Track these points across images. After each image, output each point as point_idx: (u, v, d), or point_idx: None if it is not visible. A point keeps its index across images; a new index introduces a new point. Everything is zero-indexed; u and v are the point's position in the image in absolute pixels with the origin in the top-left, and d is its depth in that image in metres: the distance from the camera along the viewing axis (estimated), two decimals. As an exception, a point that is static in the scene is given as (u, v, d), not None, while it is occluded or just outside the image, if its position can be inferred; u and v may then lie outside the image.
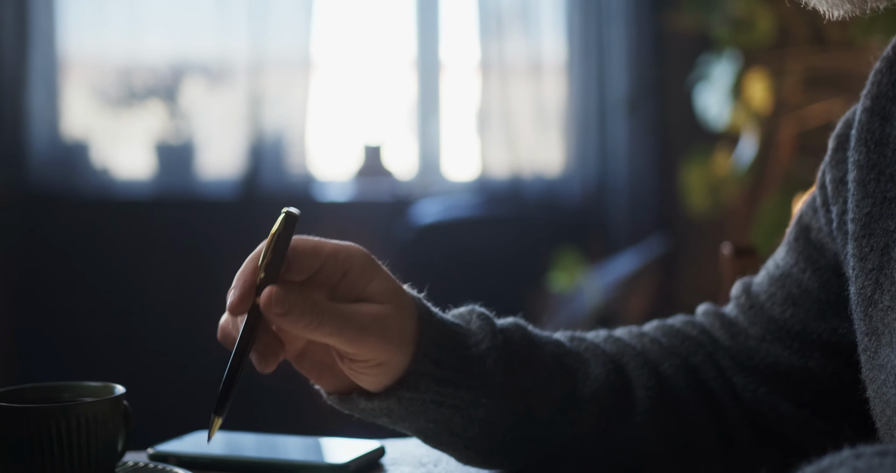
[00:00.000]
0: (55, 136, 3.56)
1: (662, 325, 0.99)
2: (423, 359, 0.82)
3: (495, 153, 3.71)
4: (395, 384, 0.82)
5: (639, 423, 0.89)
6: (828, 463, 0.63)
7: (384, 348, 0.79)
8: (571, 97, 3.72)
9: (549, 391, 0.87)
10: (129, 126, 3.63)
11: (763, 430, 0.93)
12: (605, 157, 3.71)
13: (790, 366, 0.92)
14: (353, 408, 0.84)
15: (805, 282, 0.92)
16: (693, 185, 3.11)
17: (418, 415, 0.83)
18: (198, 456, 0.93)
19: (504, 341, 0.86)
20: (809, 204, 0.94)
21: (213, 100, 3.69)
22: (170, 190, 3.57)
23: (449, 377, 0.83)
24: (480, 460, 0.88)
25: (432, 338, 0.82)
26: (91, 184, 3.54)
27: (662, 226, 3.61)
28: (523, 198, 3.66)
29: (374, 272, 0.81)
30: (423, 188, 3.71)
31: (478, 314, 0.87)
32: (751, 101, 2.99)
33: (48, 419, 0.78)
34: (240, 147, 3.59)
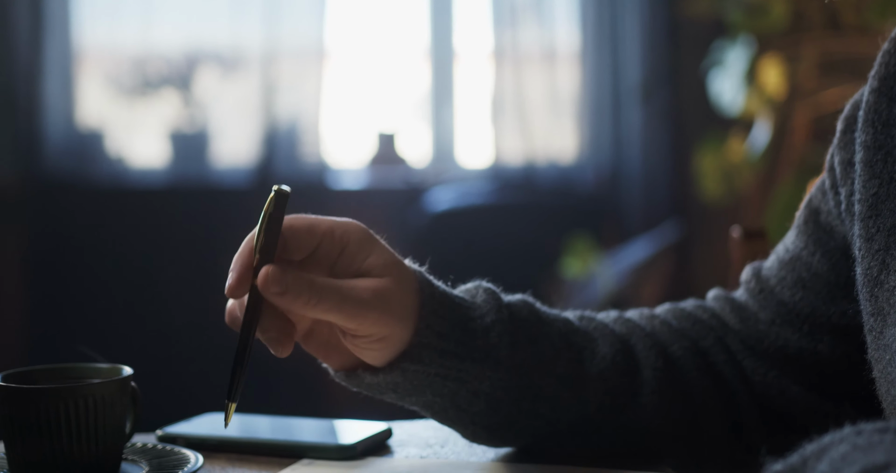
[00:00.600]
0: (70, 125, 3.57)
1: (674, 308, 0.99)
2: (426, 331, 0.82)
3: (509, 141, 3.71)
4: (399, 357, 0.82)
5: (645, 403, 0.89)
6: (829, 440, 0.64)
7: (385, 322, 0.80)
8: (585, 84, 3.71)
9: (555, 367, 0.87)
10: (143, 115, 3.64)
11: (772, 413, 0.93)
12: (618, 143, 3.70)
13: (800, 349, 0.92)
14: (359, 384, 0.84)
15: (814, 265, 0.91)
16: (707, 171, 3.10)
17: (424, 389, 0.84)
18: (206, 438, 0.94)
19: (510, 315, 0.86)
20: (819, 187, 0.94)
21: (228, 88, 3.69)
22: (184, 178, 3.58)
23: (453, 350, 0.83)
24: (486, 436, 0.88)
25: (434, 310, 0.82)
26: (106, 173, 3.56)
27: (676, 212, 3.60)
28: (537, 185, 3.66)
29: (372, 247, 0.81)
30: (436, 176, 3.71)
31: (484, 288, 0.88)
32: (765, 86, 2.98)
33: (56, 399, 0.79)
34: (254, 136, 3.60)
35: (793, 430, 0.92)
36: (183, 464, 0.84)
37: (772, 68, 3.00)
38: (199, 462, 0.84)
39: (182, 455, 0.86)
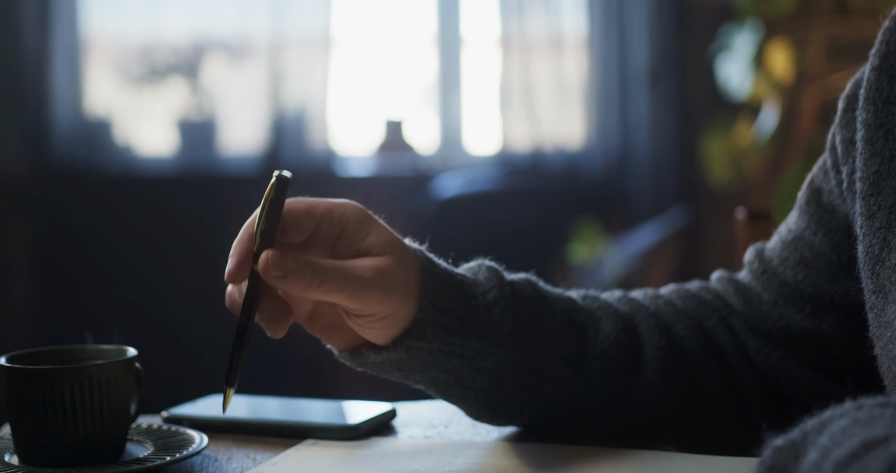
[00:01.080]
0: (78, 114, 3.58)
1: (678, 289, 0.99)
2: (429, 308, 0.82)
3: (516, 127, 3.70)
4: (403, 334, 0.82)
5: (648, 382, 0.90)
6: (829, 415, 0.64)
7: (388, 300, 0.80)
8: (592, 71, 3.71)
9: (558, 345, 0.88)
10: (151, 103, 3.65)
11: (776, 393, 0.93)
12: (626, 129, 3.70)
13: (803, 329, 0.92)
14: (363, 363, 0.85)
15: (817, 245, 0.91)
16: (715, 156, 3.10)
17: (428, 366, 0.84)
18: (211, 419, 0.94)
19: (513, 293, 0.87)
20: (820, 167, 0.94)
21: (235, 76, 3.70)
22: (192, 166, 3.59)
23: (456, 326, 0.83)
24: (490, 413, 0.89)
25: (436, 288, 0.83)
26: (114, 161, 3.56)
27: (684, 198, 3.60)
28: (545, 171, 3.66)
29: (371, 226, 0.81)
30: (444, 162, 3.71)
31: (486, 267, 0.88)
32: (773, 71, 2.97)
33: (60, 380, 0.79)
34: (261, 123, 3.60)
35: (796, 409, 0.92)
36: (188, 444, 0.84)
37: (779, 53, 2.99)
38: (203, 443, 0.85)
39: (187, 436, 0.87)
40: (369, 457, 0.86)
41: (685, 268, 3.31)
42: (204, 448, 0.84)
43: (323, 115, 3.61)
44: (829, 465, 0.56)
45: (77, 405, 0.80)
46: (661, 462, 0.83)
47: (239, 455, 0.88)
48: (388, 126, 3.77)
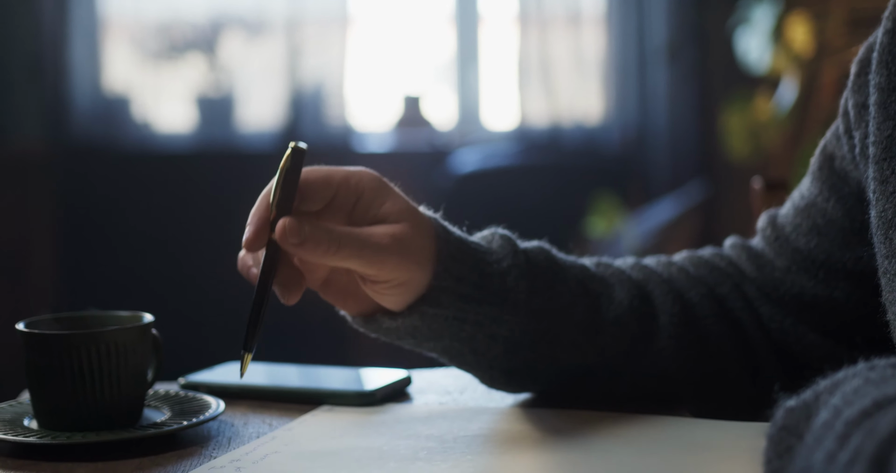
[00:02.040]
0: (97, 90, 3.59)
1: (691, 255, 0.99)
2: (444, 275, 0.82)
3: (534, 103, 3.69)
4: (418, 301, 0.83)
5: (662, 348, 0.90)
6: (842, 376, 0.64)
7: (404, 266, 0.80)
8: (611, 46, 3.69)
9: (572, 312, 0.88)
10: (169, 80, 3.65)
11: (789, 359, 0.93)
12: (644, 104, 3.68)
13: (815, 296, 0.92)
14: (377, 329, 0.85)
15: (829, 211, 0.91)
16: (733, 130, 3.08)
17: (442, 333, 0.84)
18: (228, 386, 0.95)
19: (526, 260, 0.87)
20: (833, 133, 0.93)
21: (253, 53, 3.70)
22: (210, 143, 3.59)
23: (470, 293, 0.84)
24: (504, 380, 0.89)
25: (452, 255, 0.83)
26: (132, 137, 3.57)
27: (702, 172, 3.59)
28: (563, 146, 3.65)
29: (387, 194, 0.82)
30: (462, 138, 3.71)
31: (500, 235, 0.88)
32: (792, 44, 2.95)
33: (76, 345, 0.80)
34: (279, 99, 3.60)
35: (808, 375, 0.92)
36: (204, 410, 0.85)
37: (799, 25, 2.97)
38: (220, 408, 0.85)
39: (204, 401, 0.87)
40: (384, 423, 0.87)
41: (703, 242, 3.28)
42: (220, 414, 0.85)
43: (340, 91, 3.61)
44: (841, 424, 0.57)
45: (94, 370, 0.80)
46: (675, 428, 0.83)
47: (255, 420, 0.88)
48: (406, 102, 3.77)
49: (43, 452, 0.79)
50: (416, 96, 3.77)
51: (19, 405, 0.87)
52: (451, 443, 0.81)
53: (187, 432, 0.84)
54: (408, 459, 0.77)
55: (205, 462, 0.77)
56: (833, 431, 0.57)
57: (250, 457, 0.78)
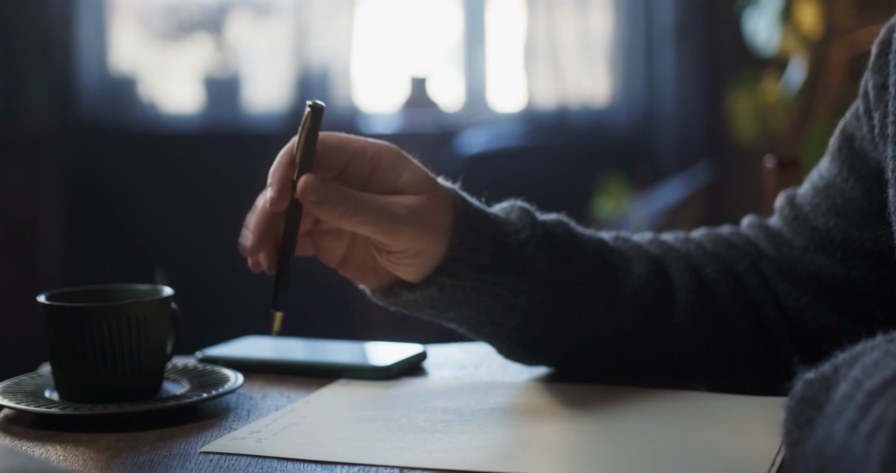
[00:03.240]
0: (104, 70, 3.59)
1: (709, 233, 1.00)
2: (461, 246, 0.83)
3: (541, 84, 3.69)
4: (435, 272, 0.83)
5: (678, 323, 0.90)
6: (861, 348, 0.64)
7: (419, 237, 0.81)
8: (618, 27, 3.69)
9: (590, 285, 0.88)
10: (176, 60, 3.65)
11: (805, 338, 0.93)
12: (652, 85, 3.68)
13: (833, 276, 0.92)
14: (396, 302, 0.86)
15: (848, 191, 0.91)
16: (741, 112, 3.07)
17: (460, 304, 0.85)
18: (245, 360, 0.96)
19: (545, 232, 0.87)
20: (853, 113, 0.93)
21: (260, 33, 3.69)
22: (217, 123, 3.59)
23: (488, 264, 0.84)
24: (521, 351, 0.89)
25: (469, 226, 0.84)
26: (139, 117, 3.58)
27: (710, 154, 3.59)
28: (570, 128, 3.65)
29: (405, 165, 0.82)
30: (468, 119, 3.71)
31: (519, 207, 0.89)
32: (801, 25, 2.94)
33: (98, 318, 0.81)
34: (286, 80, 3.60)
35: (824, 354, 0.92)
36: (223, 383, 0.86)
37: (808, 6, 2.96)
38: (239, 381, 0.86)
39: (222, 375, 0.88)
40: (401, 396, 0.87)
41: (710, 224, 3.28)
42: (239, 387, 0.85)
43: (347, 71, 3.61)
44: (862, 395, 0.57)
45: (115, 343, 0.81)
46: (691, 401, 0.84)
47: (273, 393, 0.89)
48: (413, 83, 3.77)
49: (65, 423, 0.80)
50: (423, 77, 3.76)
51: (40, 378, 0.88)
52: (468, 416, 0.81)
53: (206, 404, 0.84)
54: (426, 431, 0.78)
55: (225, 433, 0.78)
56: (854, 402, 0.57)
57: (270, 429, 0.79)
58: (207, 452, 0.74)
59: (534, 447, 0.74)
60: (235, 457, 0.73)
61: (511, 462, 0.70)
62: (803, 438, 0.60)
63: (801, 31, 2.94)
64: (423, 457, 0.72)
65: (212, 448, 0.75)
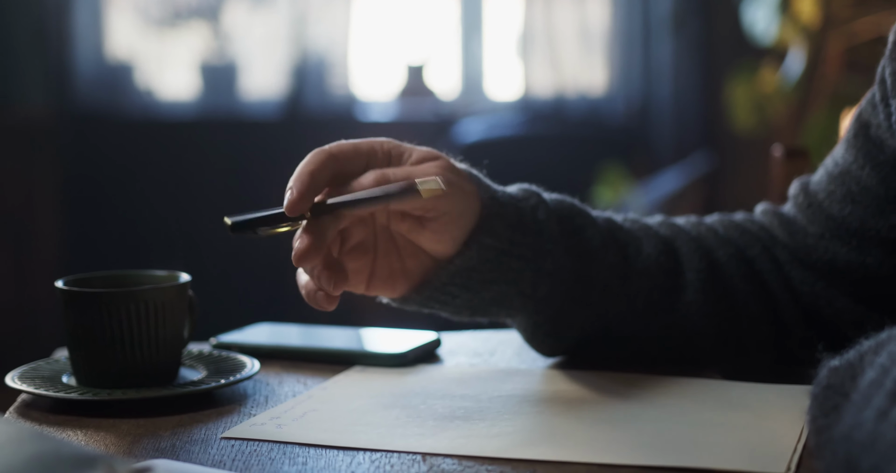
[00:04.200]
0: (100, 57, 3.58)
1: (722, 218, 1.00)
2: (490, 203, 0.84)
3: (539, 73, 3.69)
4: (475, 230, 0.83)
5: (688, 303, 0.90)
6: (886, 336, 0.64)
7: (457, 196, 0.82)
8: (616, 15, 3.69)
9: (603, 256, 0.89)
10: (172, 47, 3.64)
11: (819, 323, 0.93)
12: (649, 75, 3.68)
13: (848, 263, 0.92)
14: (430, 295, 0.84)
15: (864, 179, 0.91)
16: (739, 101, 3.08)
17: (494, 277, 0.84)
18: (259, 346, 0.96)
19: (556, 207, 0.88)
20: (868, 100, 0.93)
21: (256, 20, 3.69)
22: (213, 111, 3.59)
23: (515, 223, 0.85)
24: (546, 329, 0.89)
25: (486, 188, 0.85)
26: (136, 104, 3.57)
27: (707, 143, 3.59)
28: (567, 117, 3.65)
29: (411, 148, 0.84)
30: (466, 108, 3.71)
31: (524, 187, 0.89)
32: (799, 15, 2.94)
33: (116, 303, 0.80)
34: (283, 68, 3.60)
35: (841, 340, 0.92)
36: (239, 369, 0.86)
37: (806, -4, 2.96)
38: (256, 367, 0.86)
39: (239, 361, 0.88)
40: (418, 383, 0.87)
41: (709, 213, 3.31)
42: (256, 373, 0.85)
43: (344, 59, 3.61)
44: (891, 382, 0.57)
45: (134, 328, 0.81)
46: (708, 389, 0.84)
47: (289, 379, 0.89)
48: (410, 71, 3.76)
49: (84, 408, 0.80)
50: (420, 65, 3.76)
51: (56, 363, 0.88)
52: (486, 403, 0.81)
53: (224, 390, 0.84)
54: (446, 418, 0.78)
55: (244, 419, 0.78)
56: (883, 389, 0.57)
57: (290, 415, 0.79)
58: (228, 437, 0.74)
59: (554, 433, 0.74)
60: (257, 443, 0.73)
61: (532, 448, 0.71)
62: (829, 425, 0.61)
63: (799, 22, 2.95)
64: (445, 444, 0.72)
65: (233, 433, 0.75)
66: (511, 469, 0.67)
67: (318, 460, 0.70)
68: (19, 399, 0.83)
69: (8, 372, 0.84)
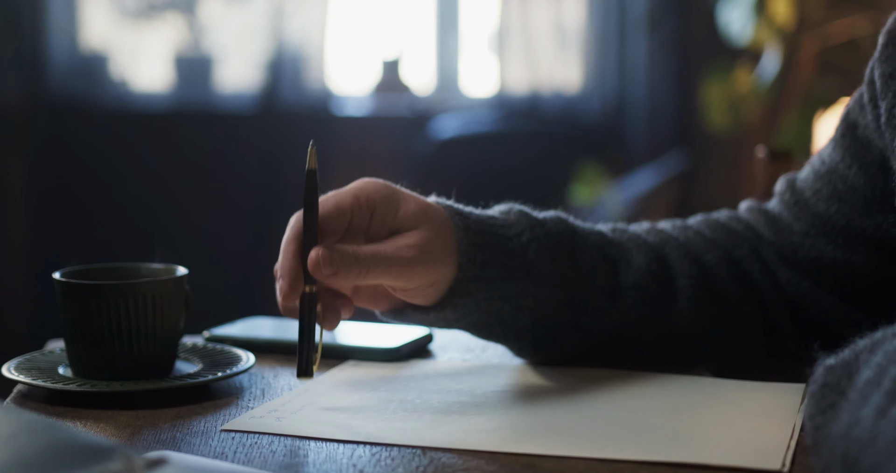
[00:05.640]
0: (74, 48, 3.56)
1: (707, 219, 1.01)
2: (468, 266, 0.84)
3: (514, 70, 3.70)
4: (448, 294, 0.84)
5: (682, 309, 0.91)
6: (881, 335, 0.66)
7: (431, 271, 0.82)
8: (591, 14, 3.70)
9: (593, 279, 0.89)
10: (147, 39, 3.62)
11: (805, 322, 0.95)
12: (624, 74, 3.70)
13: (834, 261, 0.93)
14: (406, 321, 0.87)
15: (851, 178, 0.92)
16: (713, 101, 3.10)
17: (472, 312, 0.86)
18: (252, 340, 0.96)
19: (545, 233, 0.88)
20: (856, 100, 0.94)
21: (232, 13, 3.67)
22: (188, 103, 3.57)
23: (496, 275, 0.85)
24: (532, 350, 0.91)
25: (472, 242, 0.85)
26: (110, 96, 3.55)
27: (682, 143, 3.61)
28: (542, 114, 3.67)
29: (398, 201, 0.83)
30: (441, 103, 3.71)
31: (517, 210, 0.89)
32: (774, 16, 2.97)
33: (114, 295, 0.81)
34: (258, 61, 3.59)
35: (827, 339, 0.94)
36: (235, 362, 0.86)
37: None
38: (251, 360, 0.86)
39: (234, 354, 0.88)
40: (413, 378, 0.88)
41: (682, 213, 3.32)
42: (252, 366, 0.86)
43: (320, 53, 3.60)
44: (889, 381, 0.58)
45: (131, 321, 0.81)
46: (700, 386, 0.85)
47: (284, 373, 0.89)
48: (385, 66, 3.76)
49: (82, 399, 0.80)
50: (395, 60, 3.76)
51: (52, 354, 0.88)
52: (482, 398, 0.82)
53: (221, 383, 0.85)
54: (442, 412, 0.79)
55: (242, 412, 0.79)
56: (881, 387, 0.58)
57: (288, 408, 0.79)
58: (228, 430, 0.75)
59: (552, 428, 0.75)
60: (257, 436, 0.74)
61: (531, 442, 0.72)
62: (826, 422, 0.62)
63: (774, 23, 2.97)
64: (444, 438, 0.73)
65: (232, 426, 0.75)
66: (510, 462, 0.68)
67: (319, 453, 0.71)
68: (15, 390, 0.83)
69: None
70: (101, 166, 3.51)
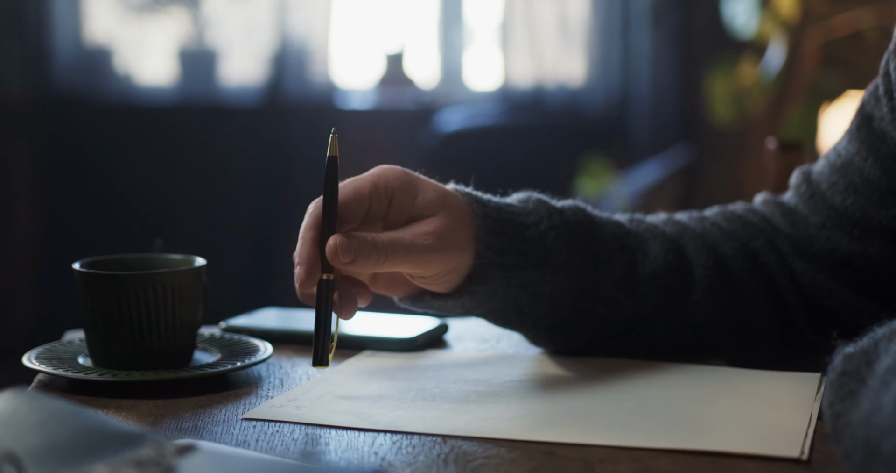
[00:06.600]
0: (79, 42, 3.56)
1: (723, 210, 1.01)
2: (486, 253, 0.84)
3: (518, 63, 3.70)
4: (465, 280, 0.84)
5: (697, 301, 0.92)
6: (900, 323, 0.66)
7: (449, 258, 0.82)
8: (595, 7, 3.70)
9: (610, 269, 0.90)
10: (152, 32, 3.62)
11: (821, 314, 0.95)
12: (628, 67, 3.70)
13: (849, 253, 0.93)
14: (425, 307, 0.87)
15: (867, 170, 0.92)
16: (717, 94, 3.10)
17: (490, 299, 0.86)
18: (269, 330, 0.97)
19: (563, 221, 0.88)
20: (872, 93, 0.94)
21: (236, 7, 3.67)
22: (192, 97, 3.58)
23: (513, 262, 0.85)
24: (547, 338, 0.91)
25: (491, 230, 0.85)
26: (114, 89, 3.55)
27: (686, 136, 3.62)
28: (546, 107, 3.67)
29: (416, 188, 0.83)
30: (445, 97, 3.71)
31: (535, 198, 0.89)
32: (779, 9, 2.97)
33: (134, 286, 0.81)
34: (262, 55, 3.59)
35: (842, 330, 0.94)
36: (253, 352, 0.87)
37: (786, -10, 2.98)
38: (269, 351, 0.87)
39: (252, 344, 0.89)
40: (430, 367, 0.89)
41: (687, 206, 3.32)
42: (270, 356, 0.86)
43: (325, 47, 3.60)
44: (907, 368, 0.59)
45: (151, 311, 0.82)
46: (716, 376, 0.86)
47: (302, 362, 0.90)
48: (389, 59, 3.76)
49: (102, 389, 0.81)
50: (399, 54, 3.76)
51: (71, 345, 0.88)
52: (499, 387, 0.83)
53: (240, 373, 0.85)
54: (461, 401, 0.79)
55: (262, 401, 0.79)
56: (900, 375, 0.59)
57: (307, 397, 0.80)
58: (249, 418, 0.75)
59: (570, 416, 0.76)
60: (278, 424, 0.74)
61: (550, 430, 0.72)
62: (846, 410, 0.62)
63: (779, 16, 2.97)
64: (463, 426, 0.73)
65: (253, 414, 0.76)
66: (531, 450, 0.69)
67: (340, 441, 0.71)
68: (36, 380, 0.84)
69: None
70: (105, 160, 3.52)
